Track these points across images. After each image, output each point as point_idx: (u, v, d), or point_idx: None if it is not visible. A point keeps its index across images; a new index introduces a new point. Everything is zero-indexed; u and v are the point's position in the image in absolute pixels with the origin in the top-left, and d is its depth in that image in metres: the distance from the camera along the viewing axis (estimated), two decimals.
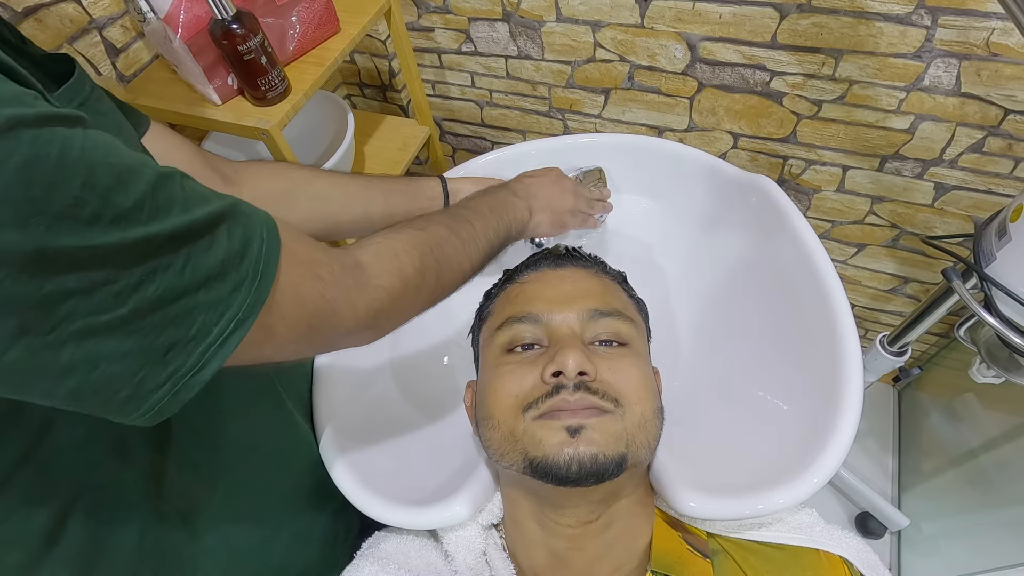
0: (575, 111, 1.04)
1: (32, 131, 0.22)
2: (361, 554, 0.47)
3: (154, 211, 0.25)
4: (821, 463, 0.43)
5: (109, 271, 0.24)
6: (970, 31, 0.70)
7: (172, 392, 0.27)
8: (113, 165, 0.24)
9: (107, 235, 0.23)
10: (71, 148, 0.23)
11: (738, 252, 0.67)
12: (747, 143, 0.95)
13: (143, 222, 0.25)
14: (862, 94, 0.81)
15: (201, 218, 0.27)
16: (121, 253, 0.24)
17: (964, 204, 0.89)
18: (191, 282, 0.26)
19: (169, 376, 0.27)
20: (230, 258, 0.28)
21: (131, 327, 0.25)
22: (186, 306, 0.26)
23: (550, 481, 0.39)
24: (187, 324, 0.27)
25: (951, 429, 1.10)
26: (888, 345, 0.90)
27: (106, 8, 0.68)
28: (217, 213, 0.28)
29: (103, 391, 0.26)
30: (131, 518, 0.38)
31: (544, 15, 0.90)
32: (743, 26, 0.80)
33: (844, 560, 0.43)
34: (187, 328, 0.27)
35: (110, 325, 0.24)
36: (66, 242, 0.22)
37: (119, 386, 0.26)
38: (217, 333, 0.27)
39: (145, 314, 0.25)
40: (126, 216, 0.24)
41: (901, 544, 1.12)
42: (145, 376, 0.26)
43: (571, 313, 0.46)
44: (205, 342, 0.27)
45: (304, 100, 0.69)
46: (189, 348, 0.27)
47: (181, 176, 0.28)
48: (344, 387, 0.57)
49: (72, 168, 0.23)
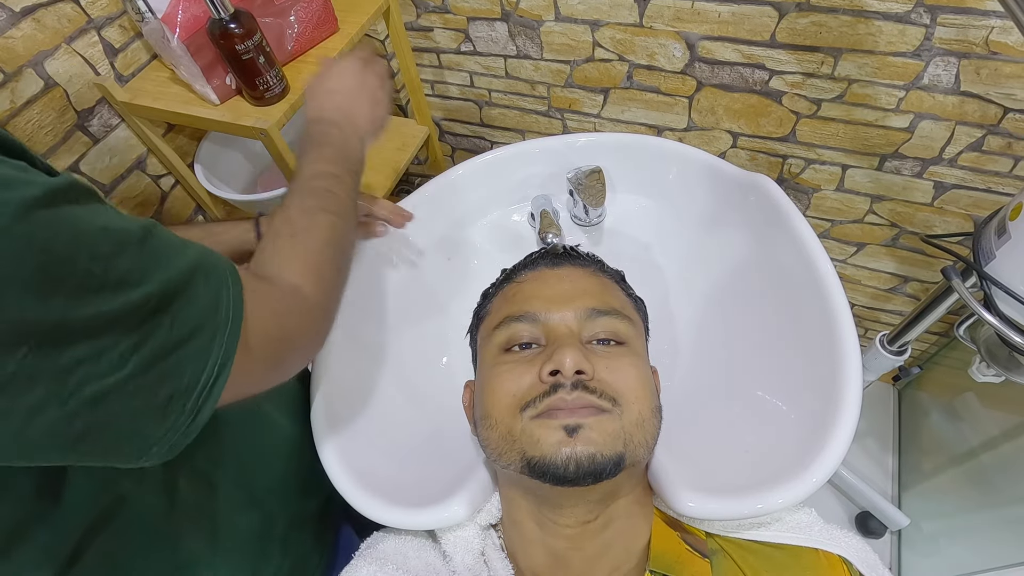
0: (574, 110, 1.04)
1: (46, 212, 0.23)
2: (359, 554, 0.46)
3: (145, 270, 0.27)
4: (820, 462, 0.43)
5: (114, 335, 0.25)
6: (969, 29, 0.70)
7: (172, 441, 0.29)
8: (109, 231, 0.26)
9: (113, 300, 0.25)
10: (80, 222, 0.25)
11: (737, 251, 0.67)
12: (746, 142, 0.95)
13: (138, 283, 0.26)
14: (861, 93, 0.81)
15: (181, 272, 0.29)
16: (124, 316, 0.25)
17: (964, 203, 0.89)
18: (179, 337, 0.28)
19: (170, 427, 0.28)
20: (207, 309, 0.30)
21: (134, 385, 0.26)
22: (177, 359, 0.28)
23: (548, 480, 0.39)
24: (179, 376, 0.28)
25: (951, 428, 1.10)
26: (888, 344, 0.90)
27: (104, 8, 0.67)
28: (192, 264, 0.30)
29: (111, 450, 0.27)
30: (148, 538, 0.39)
31: (543, 14, 0.90)
32: (742, 25, 0.80)
33: (843, 560, 0.43)
34: (179, 380, 0.28)
35: (117, 387, 0.25)
36: (82, 312, 0.24)
37: (126, 442, 0.27)
38: (204, 380, 0.29)
39: (146, 371, 0.26)
40: (125, 279, 0.26)
41: (901, 543, 1.12)
42: (149, 430, 0.28)
43: (569, 312, 0.46)
44: (196, 390, 0.29)
45: (303, 100, 0.69)
46: (184, 398, 0.28)
47: (154, 226, 0.29)
48: (342, 388, 0.57)
49: (82, 241, 0.24)
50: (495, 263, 0.62)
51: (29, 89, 0.63)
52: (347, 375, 0.58)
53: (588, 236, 0.77)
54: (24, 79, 0.62)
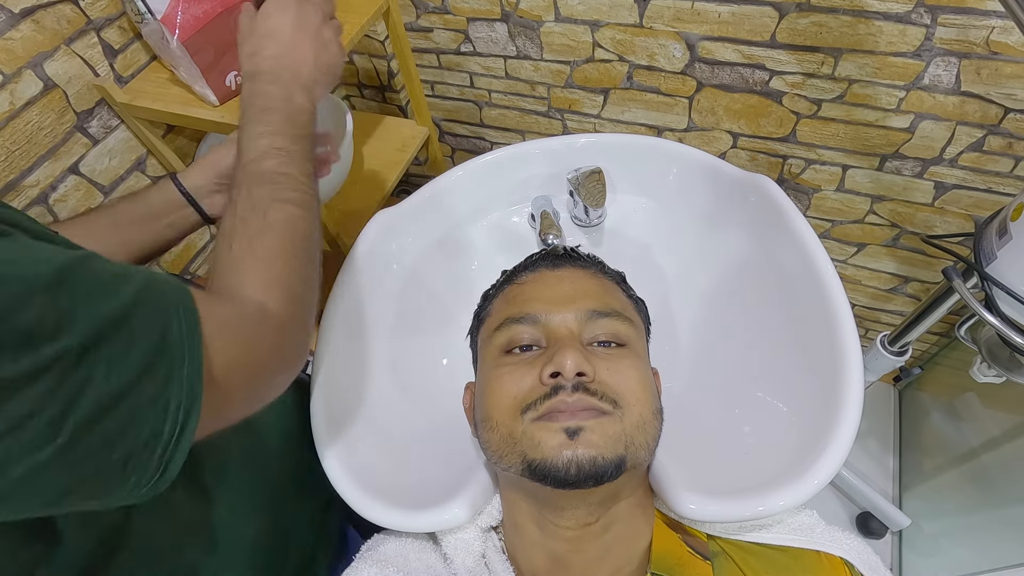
0: (574, 111, 1.04)
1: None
2: (360, 556, 0.46)
3: (61, 319, 0.23)
4: (822, 464, 0.43)
5: (31, 401, 0.22)
6: (970, 29, 0.70)
7: (140, 496, 0.26)
8: (6, 279, 0.22)
9: (17, 363, 0.21)
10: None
11: (738, 252, 0.67)
12: (746, 142, 0.95)
13: (49, 337, 0.22)
14: (862, 93, 0.81)
15: (113, 311, 0.25)
16: (38, 378, 0.22)
17: (964, 203, 0.89)
18: (120, 387, 0.24)
19: (133, 486, 0.26)
20: (153, 348, 0.26)
21: (77, 453, 0.23)
22: (126, 413, 0.24)
23: (549, 483, 0.39)
24: (134, 431, 0.25)
25: (952, 429, 1.10)
26: (888, 345, 0.90)
27: (104, 9, 0.67)
28: (130, 299, 0.26)
29: (77, 508, 0.25)
30: (152, 556, 0.37)
31: (543, 15, 0.90)
32: (742, 25, 0.79)
33: (845, 561, 0.43)
34: (136, 435, 0.25)
35: (55, 459, 0.22)
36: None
37: (89, 501, 0.25)
38: (170, 430, 0.26)
39: (85, 435, 0.23)
40: (31, 334, 0.22)
41: (902, 544, 1.12)
42: (109, 493, 0.25)
43: (569, 314, 0.46)
44: (160, 443, 0.26)
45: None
46: (146, 454, 0.25)
47: (80, 262, 0.25)
48: (342, 390, 0.57)
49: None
50: (495, 264, 0.62)
51: (28, 90, 0.63)
52: (347, 377, 0.58)
53: (588, 237, 0.76)
54: (23, 80, 0.62)
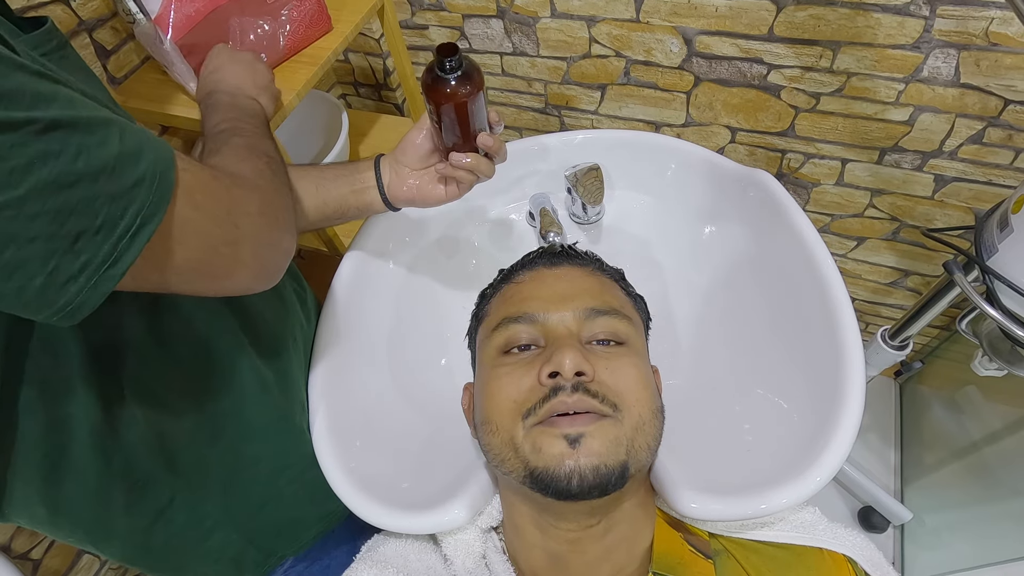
0: (571, 107, 1.03)
1: None
2: (360, 557, 0.46)
3: (36, 99, 0.25)
4: (824, 461, 0.43)
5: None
6: (969, 21, 0.69)
7: (89, 285, 0.28)
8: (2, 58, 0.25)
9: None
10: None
11: (737, 247, 0.66)
12: (745, 137, 0.95)
13: (25, 107, 0.25)
14: (860, 86, 0.80)
15: (88, 117, 0.27)
16: (5, 129, 0.24)
17: (964, 196, 0.88)
18: (85, 171, 0.26)
19: (83, 267, 0.27)
20: (125, 156, 0.28)
21: (31, 209, 0.25)
22: (85, 195, 0.27)
23: (551, 495, 0.38)
24: (90, 214, 0.27)
25: (953, 422, 1.10)
26: (889, 339, 0.90)
27: (95, 10, 0.67)
28: (106, 118, 0.28)
29: (15, 277, 0.26)
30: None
31: (539, 11, 0.89)
32: (739, 19, 0.79)
33: (848, 558, 0.42)
34: (91, 218, 0.27)
35: (9, 205, 0.24)
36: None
37: (32, 272, 0.26)
38: (125, 227, 0.28)
39: (43, 196, 0.25)
40: (7, 96, 0.24)
41: (904, 538, 1.12)
42: (58, 265, 0.27)
43: (567, 312, 0.46)
44: (114, 234, 0.28)
45: (297, 100, 0.69)
46: (99, 239, 0.27)
47: (71, 89, 0.28)
48: (341, 390, 0.56)
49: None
50: (493, 262, 0.61)
51: None
52: (345, 378, 0.58)
53: (587, 234, 0.76)
54: None
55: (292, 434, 0.52)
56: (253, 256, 0.37)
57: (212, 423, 0.46)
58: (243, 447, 0.48)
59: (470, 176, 0.53)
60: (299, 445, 0.52)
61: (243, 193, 0.37)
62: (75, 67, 0.40)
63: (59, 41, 0.38)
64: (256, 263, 0.38)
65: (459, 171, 0.52)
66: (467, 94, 0.46)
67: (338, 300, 0.61)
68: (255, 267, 0.38)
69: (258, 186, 0.39)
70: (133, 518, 0.45)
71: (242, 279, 0.37)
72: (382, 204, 0.56)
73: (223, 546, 0.50)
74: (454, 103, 0.46)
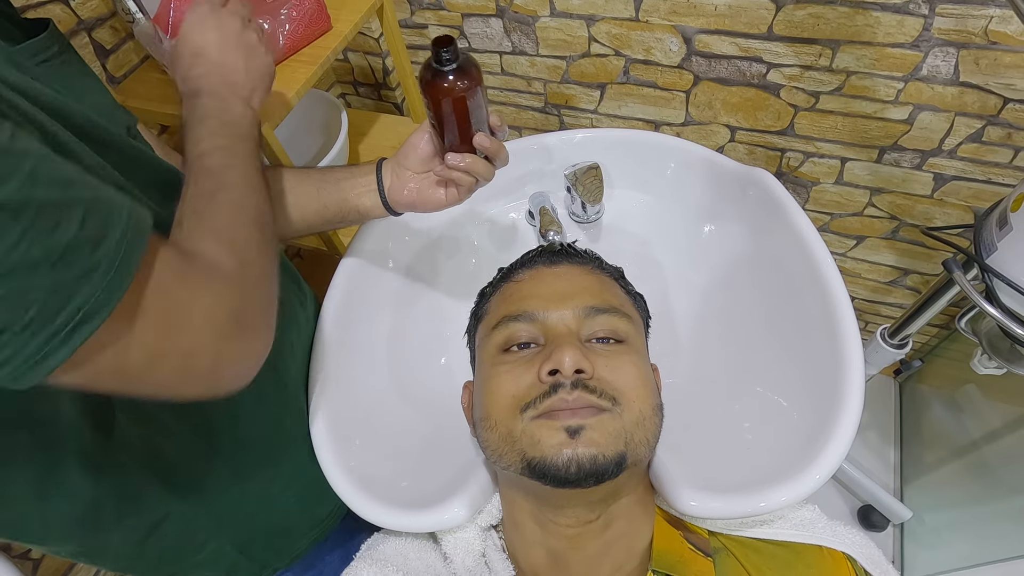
0: (571, 107, 1.03)
1: None
2: (360, 556, 0.46)
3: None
4: (823, 459, 0.43)
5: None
6: (968, 19, 0.69)
7: (10, 380, 0.25)
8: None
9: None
10: None
11: (736, 246, 0.66)
12: (744, 136, 0.95)
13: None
14: (860, 85, 0.80)
15: (42, 199, 0.25)
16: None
17: (964, 194, 0.89)
18: (20, 261, 0.24)
19: (2, 363, 0.25)
20: (80, 243, 0.25)
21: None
22: (17, 287, 0.24)
23: (548, 482, 0.39)
24: (20, 307, 0.24)
25: (953, 421, 1.10)
26: (889, 338, 0.90)
27: (94, 9, 0.67)
28: (75, 199, 0.26)
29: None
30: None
31: (538, 10, 0.89)
32: (739, 18, 0.79)
33: (847, 556, 0.42)
34: (21, 312, 0.24)
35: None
36: None
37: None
38: (62, 323, 0.25)
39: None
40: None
41: (904, 537, 1.12)
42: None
43: (567, 311, 0.46)
44: (45, 331, 0.25)
45: (296, 99, 0.69)
46: (24, 336, 0.25)
47: (46, 158, 0.26)
48: (340, 390, 0.56)
49: None
50: (493, 261, 0.61)
51: None
52: (344, 377, 0.58)
53: (586, 233, 0.76)
54: None
55: (286, 443, 0.51)
56: (210, 370, 0.32)
57: (207, 440, 0.45)
58: (237, 460, 0.48)
59: (467, 178, 0.50)
60: (293, 453, 0.52)
61: (214, 296, 0.32)
62: (76, 72, 0.39)
63: (60, 46, 0.37)
64: (211, 378, 0.33)
65: (455, 172, 0.49)
66: (464, 88, 0.44)
67: (338, 300, 0.61)
68: (209, 381, 0.33)
69: (238, 281, 0.35)
70: (126, 533, 0.43)
71: (192, 391, 0.33)
72: (382, 208, 0.55)
73: (216, 558, 0.50)
74: (451, 98, 0.45)
